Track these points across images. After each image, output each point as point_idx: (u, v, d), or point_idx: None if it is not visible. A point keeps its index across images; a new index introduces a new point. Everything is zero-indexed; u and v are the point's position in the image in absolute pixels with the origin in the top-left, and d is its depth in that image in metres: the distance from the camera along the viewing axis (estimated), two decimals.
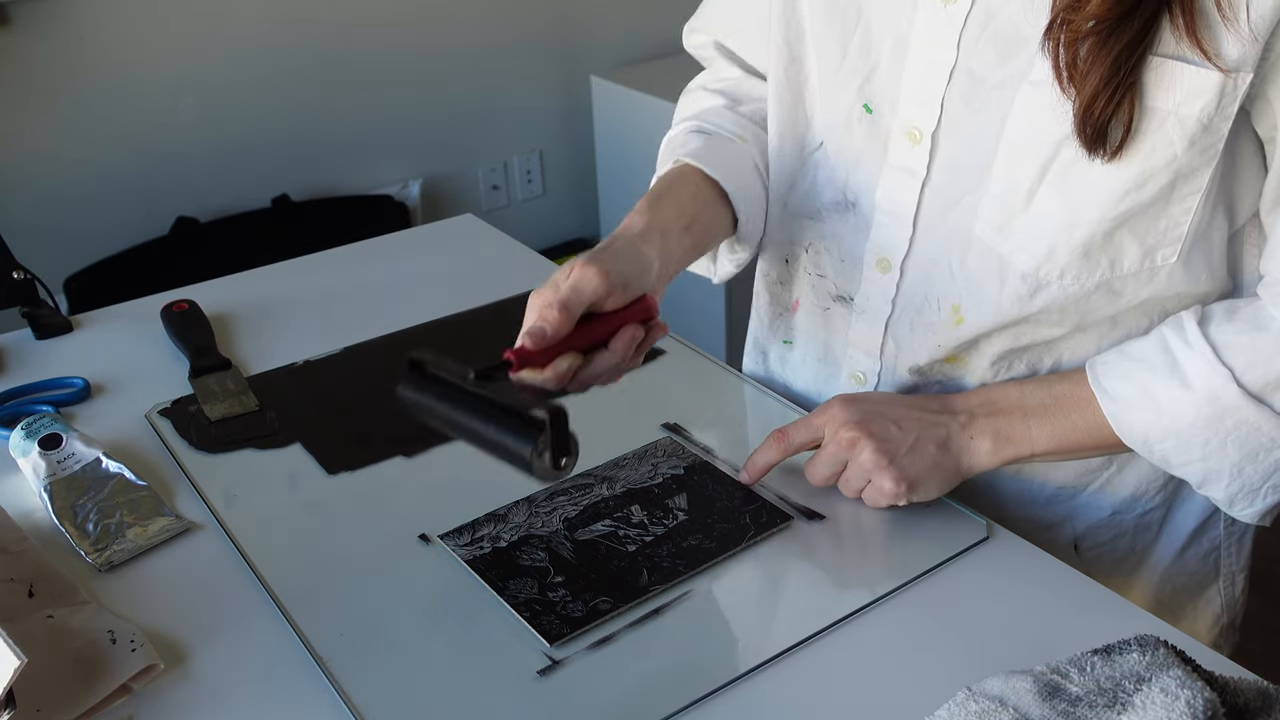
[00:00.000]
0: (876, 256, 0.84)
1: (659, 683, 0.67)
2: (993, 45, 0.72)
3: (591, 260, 0.73)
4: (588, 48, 2.68)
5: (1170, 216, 0.71)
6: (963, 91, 0.74)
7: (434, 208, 2.58)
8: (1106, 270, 0.74)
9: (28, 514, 0.84)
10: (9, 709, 0.63)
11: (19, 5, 1.97)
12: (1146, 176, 0.69)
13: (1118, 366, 0.76)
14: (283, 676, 0.68)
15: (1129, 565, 0.89)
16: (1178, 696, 0.52)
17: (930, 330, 0.82)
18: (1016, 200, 0.73)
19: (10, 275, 1.09)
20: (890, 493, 0.77)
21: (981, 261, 0.77)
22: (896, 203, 0.81)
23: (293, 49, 2.28)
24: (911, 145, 0.78)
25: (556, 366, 0.71)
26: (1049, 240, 0.73)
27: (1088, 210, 0.71)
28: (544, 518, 0.80)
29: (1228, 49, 0.64)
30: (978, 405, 0.79)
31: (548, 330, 0.69)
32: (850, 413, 0.78)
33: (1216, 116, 0.66)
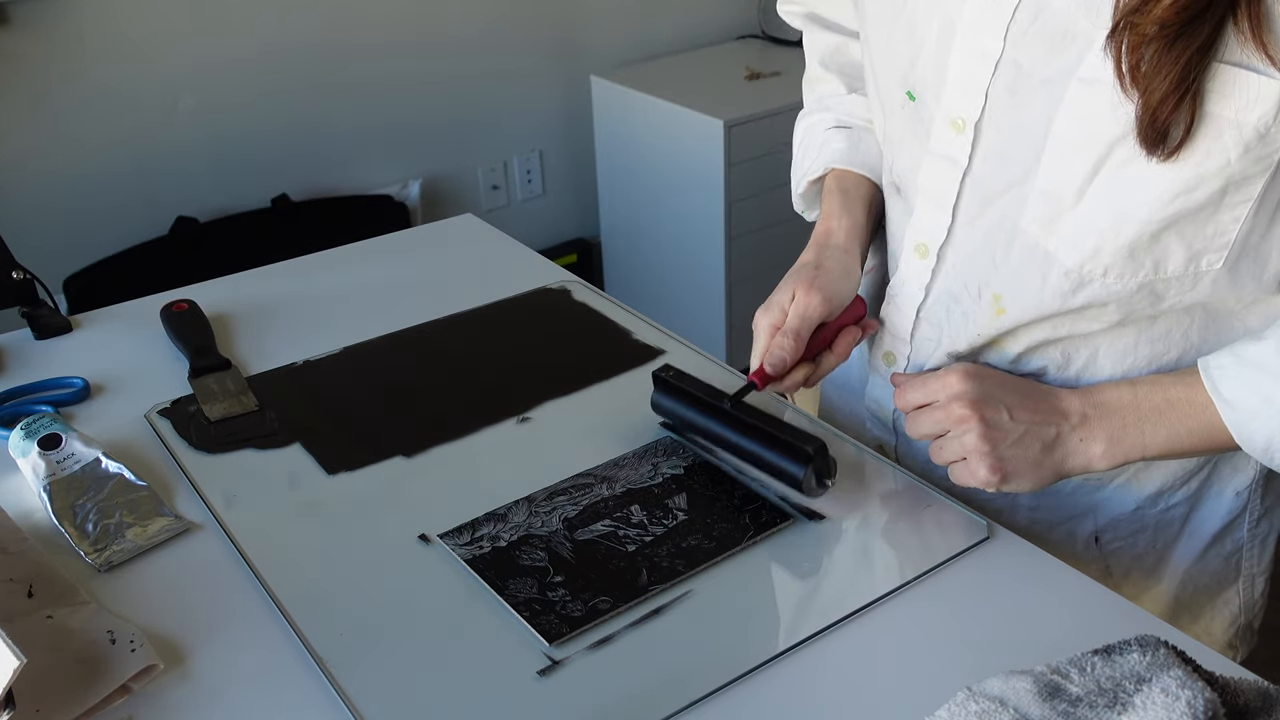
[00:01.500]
0: (915, 242, 0.84)
1: (659, 683, 0.66)
2: (1042, 39, 0.71)
3: (812, 286, 0.84)
4: (588, 48, 2.68)
5: (1219, 223, 0.71)
6: (1008, 83, 0.73)
7: (434, 208, 2.58)
8: (1150, 272, 0.73)
9: (27, 514, 0.84)
10: (9, 709, 0.63)
11: (19, 5, 1.97)
12: (1199, 181, 0.68)
13: (1237, 373, 0.74)
14: (283, 676, 0.68)
15: (1149, 561, 0.89)
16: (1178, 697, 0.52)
17: (969, 319, 0.82)
18: (1066, 198, 0.73)
19: (10, 275, 1.09)
20: (983, 480, 0.76)
21: (1027, 255, 0.77)
22: (937, 190, 0.80)
23: (292, 49, 2.28)
24: (955, 134, 0.77)
25: (794, 377, 0.84)
26: (1095, 239, 0.73)
27: (1137, 211, 0.70)
28: (544, 517, 0.80)
29: None
30: (1091, 407, 0.77)
31: (787, 359, 0.82)
32: (968, 387, 0.77)
33: (1275, 126, 0.65)
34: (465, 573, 0.76)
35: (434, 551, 0.78)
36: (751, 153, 2.32)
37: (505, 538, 0.78)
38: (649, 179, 2.52)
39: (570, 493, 0.83)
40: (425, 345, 1.06)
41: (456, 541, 0.78)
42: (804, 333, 0.83)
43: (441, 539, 0.79)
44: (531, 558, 0.76)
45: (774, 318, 0.84)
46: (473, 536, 0.79)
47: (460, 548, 0.77)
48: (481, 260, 1.23)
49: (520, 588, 0.74)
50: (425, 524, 0.80)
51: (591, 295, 1.13)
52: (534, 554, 0.77)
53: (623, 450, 0.88)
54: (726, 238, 2.38)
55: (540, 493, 0.83)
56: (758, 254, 2.43)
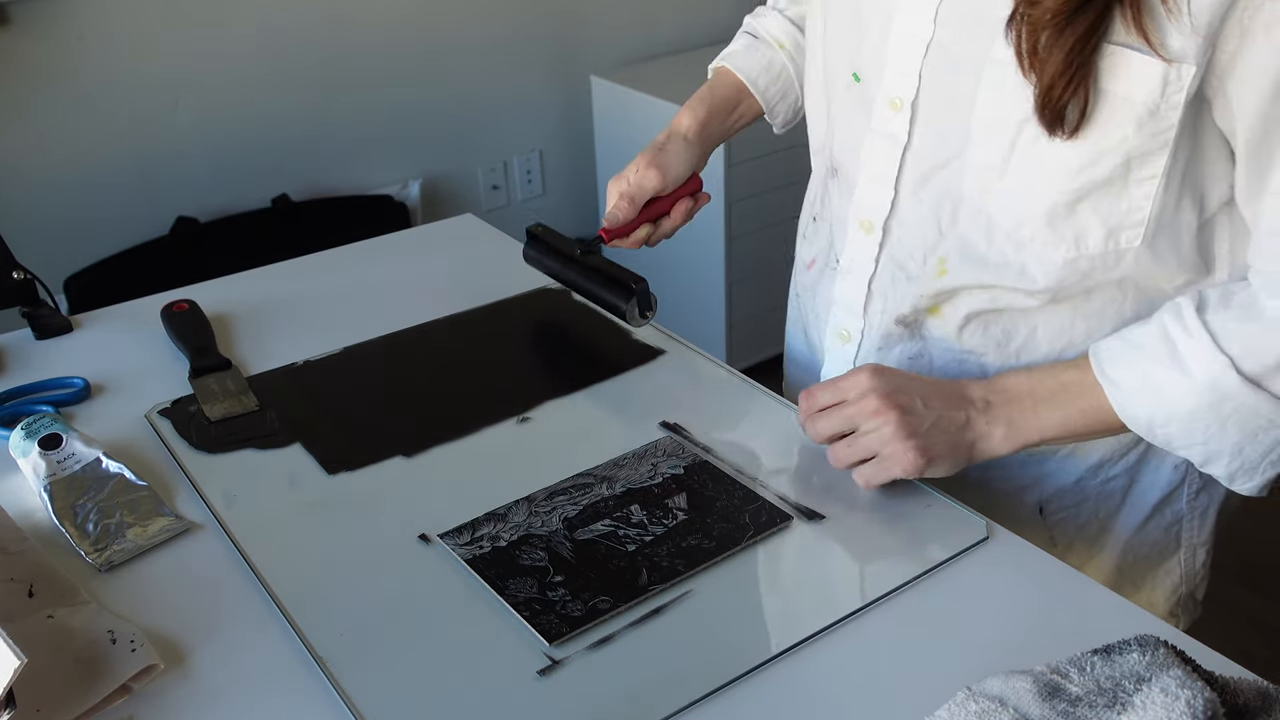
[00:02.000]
0: (860, 219, 0.89)
1: (659, 683, 0.67)
2: (963, 21, 0.77)
3: (651, 163, 1.01)
4: (588, 48, 2.68)
5: (1130, 199, 0.75)
6: (938, 63, 0.79)
7: (434, 208, 2.58)
8: (1072, 247, 0.78)
9: (28, 514, 0.84)
10: (9, 709, 0.63)
11: (19, 5, 1.97)
12: (1100, 155, 0.73)
13: (1121, 354, 0.78)
14: (283, 676, 0.68)
15: (1092, 531, 0.93)
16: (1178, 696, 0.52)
17: (913, 281, 0.87)
18: (994, 169, 0.78)
19: (10, 275, 1.09)
20: (909, 465, 0.78)
21: (972, 221, 0.81)
22: (879, 167, 0.85)
23: (293, 49, 2.28)
24: (894, 113, 0.82)
25: (636, 236, 1.03)
26: (1020, 206, 0.78)
27: (1050, 183, 0.75)
28: (544, 517, 0.80)
29: (1171, 40, 0.68)
30: (993, 393, 0.81)
31: (621, 218, 1.00)
32: (878, 381, 0.80)
33: (1163, 104, 0.70)
34: (465, 573, 0.76)
35: (434, 551, 0.78)
36: (751, 153, 2.32)
37: (505, 537, 0.78)
38: None
39: (570, 493, 0.83)
40: (425, 345, 1.06)
41: (456, 541, 0.78)
42: (638, 199, 1.00)
43: (441, 539, 0.79)
44: (531, 557, 0.76)
45: (621, 186, 1.01)
46: (473, 536, 0.79)
47: (460, 547, 0.78)
48: (481, 260, 1.23)
49: (520, 587, 0.74)
50: (425, 524, 0.80)
51: None
52: (534, 554, 0.77)
53: (623, 450, 0.88)
54: (726, 238, 2.38)
55: (540, 493, 0.83)
56: (757, 254, 2.43)
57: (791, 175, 2.33)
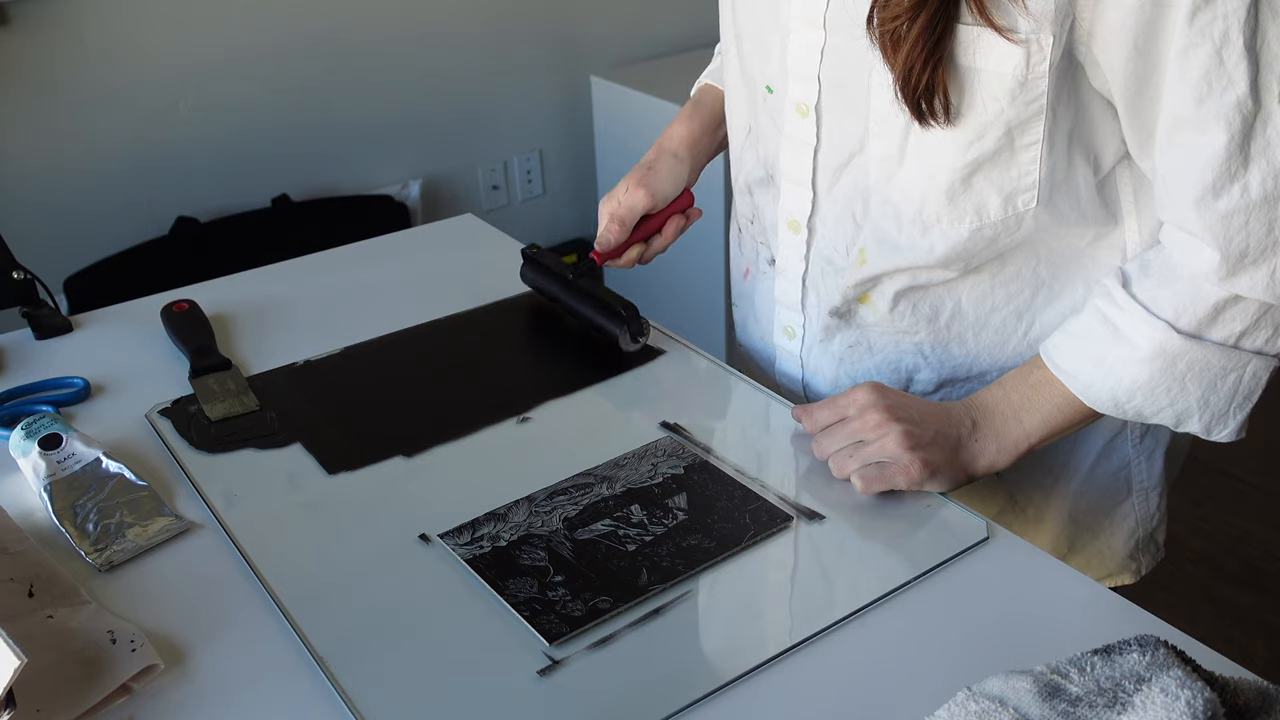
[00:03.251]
0: (787, 220, 0.93)
1: (659, 683, 0.67)
2: (849, 23, 0.80)
3: (640, 183, 1.02)
4: (588, 48, 2.68)
5: (1019, 165, 0.79)
6: (834, 67, 0.83)
7: (434, 208, 2.58)
8: (974, 218, 0.82)
9: (28, 514, 0.84)
10: (9, 709, 0.63)
11: (19, 5, 1.97)
12: (982, 129, 0.77)
13: (1067, 346, 0.82)
14: (283, 676, 0.68)
15: (1047, 482, 0.97)
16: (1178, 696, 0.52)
17: (839, 274, 0.91)
18: (892, 160, 0.82)
19: (10, 275, 1.09)
20: (915, 475, 0.80)
21: (880, 210, 0.86)
22: (796, 170, 0.90)
23: (293, 49, 2.28)
24: (801, 119, 0.87)
25: (628, 256, 1.04)
26: (921, 189, 0.82)
27: (943, 163, 0.79)
28: (544, 517, 0.80)
29: (1020, 24, 0.72)
30: (975, 411, 0.84)
31: (612, 240, 1.01)
32: (877, 397, 0.83)
33: (1029, 74, 0.74)
34: (465, 572, 0.76)
35: (434, 551, 0.78)
36: None
37: (505, 537, 0.78)
38: None
39: (570, 492, 0.83)
40: (425, 345, 1.06)
41: (456, 541, 0.78)
42: (629, 220, 1.01)
43: (442, 539, 0.79)
44: (532, 557, 0.76)
45: (611, 207, 1.02)
46: (473, 536, 0.79)
47: (460, 547, 0.78)
48: (482, 260, 1.23)
49: (520, 587, 0.74)
50: (425, 524, 0.80)
51: None
52: (534, 554, 0.77)
53: (623, 450, 0.88)
54: (726, 238, 2.38)
55: (540, 492, 0.83)
56: None
57: None
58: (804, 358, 0.99)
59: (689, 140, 1.06)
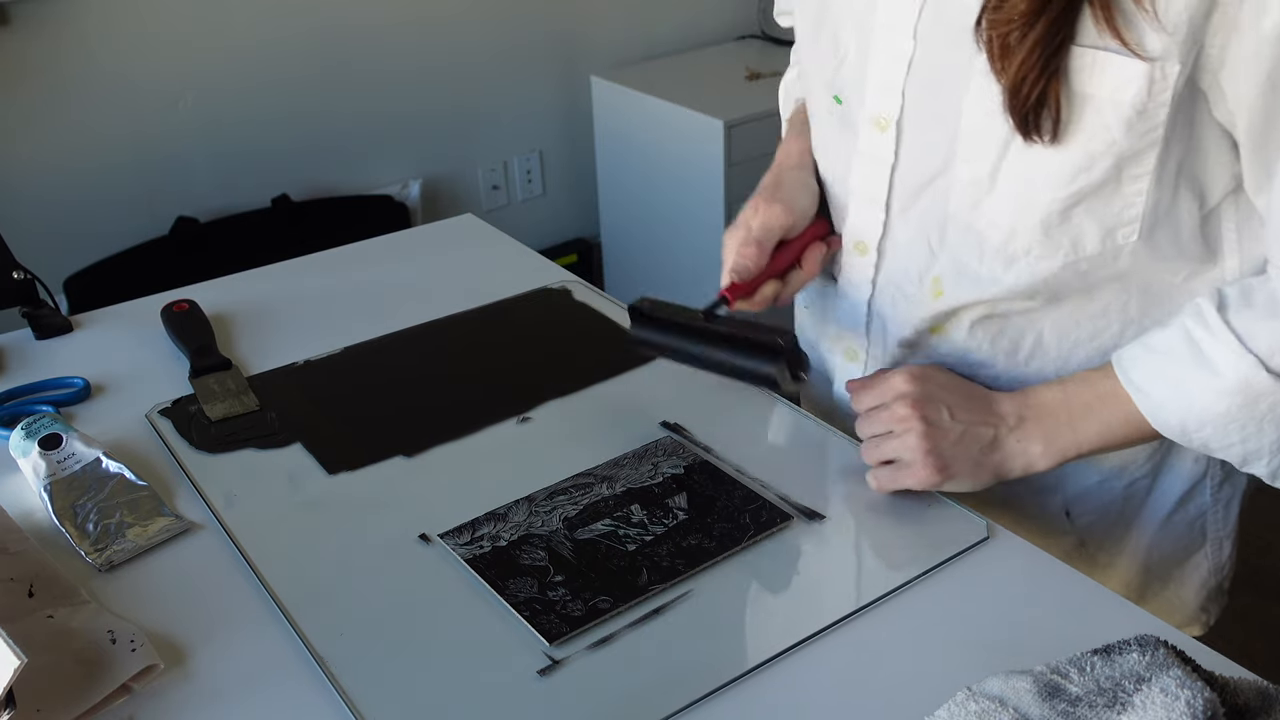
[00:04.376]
0: (854, 240, 0.87)
1: (659, 683, 0.67)
2: (945, 34, 0.75)
3: (773, 198, 0.86)
4: (588, 48, 2.68)
5: (1123, 197, 0.74)
6: (922, 80, 0.78)
7: (434, 208, 2.58)
8: (1070, 251, 0.77)
9: (28, 514, 0.84)
10: (9, 709, 0.63)
11: (19, 5, 1.97)
12: (1091, 160, 0.72)
13: (1146, 361, 0.77)
14: (283, 676, 0.68)
15: (1119, 530, 0.92)
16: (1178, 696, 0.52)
17: (911, 304, 0.85)
18: (982, 183, 0.77)
19: (10, 275, 1.09)
20: (925, 478, 0.78)
21: (961, 238, 0.80)
22: (869, 188, 0.84)
23: (293, 49, 2.28)
24: (879, 133, 0.81)
25: (763, 294, 0.86)
26: (1011, 219, 0.77)
27: (1042, 192, 0.74)
28: (544, 517, 0.80)
29: (1148, 40, 0.67)
30: (1026, 409, 0.80)
31: (750, 265, 0.84)
32: (911, 388, 0.80)
33: (1150, 103, 0.69)
34: (465, 572, 0.76)
35: (434, 551, 0.78)
36: (751, 153, 2.32)
37: (505, 537, 0.78)
38: (649, 179, 2.52)
39: (570, 492, 0.83)
40: (425, 345, 1.06)
41: (456, 541, 0.78)
42: (766, 242, 0.85)
43: (442, 538, 0.79)
44: (532, 557, 0.76)
45: (739, 234, 0.86)
46: (473, 536, 0.79)
47: (460, 547, 0.78)
48: (481, 260, 1.23)
49: (520, 587, 0.74)
50: (425, 524, 0.80)
51: (591, 295, 1.13)
52: (534, 553, 0.77)
53: (623, 450, 0.88)
54: None
55: (540, 492, 0.83)
56: None
57: None
58: None
59: (806, 151, 0.93)
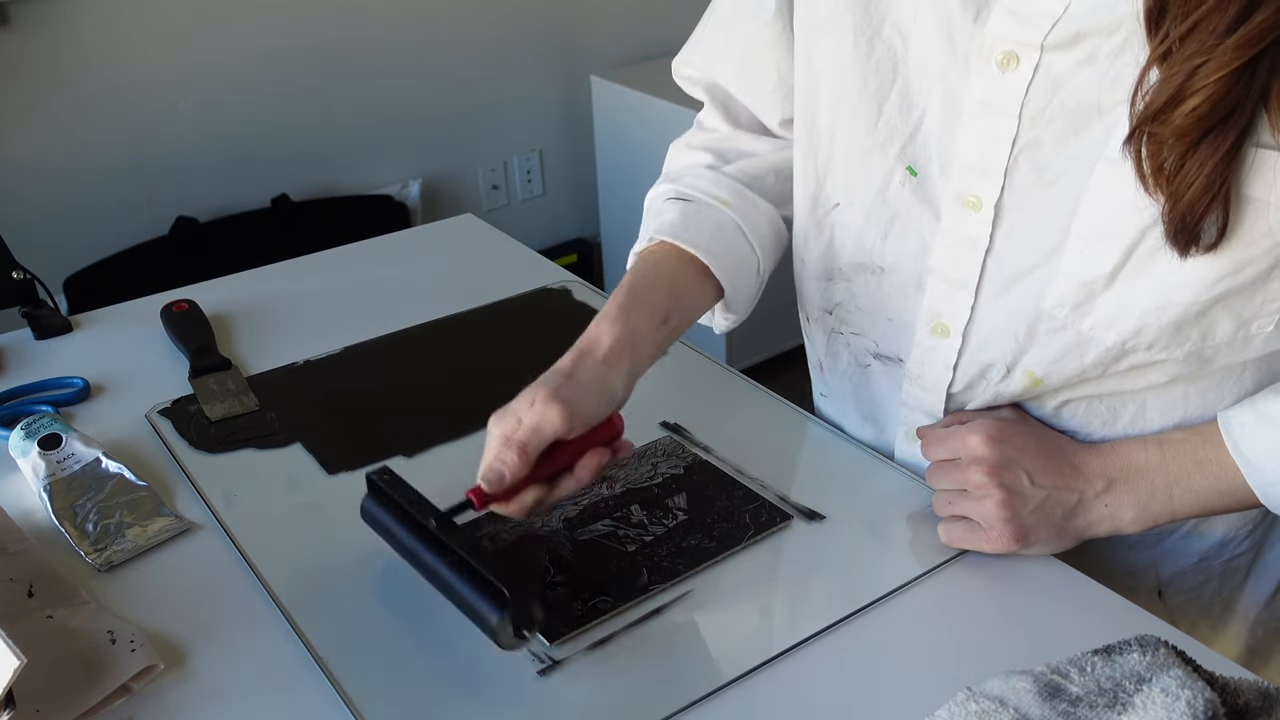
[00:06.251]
0: (931, 323, 0.78)
1: (659, 683, 0.66)
2: (1062, 116, 0.66)
3: (554, 397, 0.70)
4: (588, 48, 2.68)
5: (1267, 291, 0.66)
6: (1031, 162, 0.68)
7: (434, 208, 2.58)
8: (1198, 342, 0.69)
9: (27, 514, 0.84)
10: (9, 709, 0.63)
11: (19, 5, 1.97)
12: (1244, 264, 0.64)
13: (1260, 433, 0.70)
14: (283, 676, 0.68)
15: (1216, 610, 0.86)
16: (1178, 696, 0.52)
17: (999, 392, 0.78)
18: (1096, 282, 0.68)
19: (10, 275, 1.09)
20: (1004, 547, 0.74)
21: (1056, 336, 0.72)
22: (956, 270, 0.75)
23: (293, 49, 2.28)
24: (972, 213, 0.72)
25: (522, 500, 0.71)
26: (1136, 320, 0.68)
27: (1178, 295, 0.66)
28: (543, 517, 0.80)
29: None
30: (1117, 471, 0.74)
31: (506, 474, 0.69)
32: (988, 452, 0.74)
33: None
34: None
35: None
36: None
37: (505, 537, 0.78)
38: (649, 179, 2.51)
39: None
40: (425, 345, 1.06)
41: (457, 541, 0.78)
42: (531, 448, 0.70)
43: None
44: (532, 557, 0.76)
45: (506, 427, 0.71)
46: (473, 536, 0.78)
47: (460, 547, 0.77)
48: (481, 260, 1.23)
49: None
50: None
51: (591, 295, 1.13)
52: (534, 553, 0.77)
53: None
54: None
55: None
56: None
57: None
58: None
59: (624, 341, 0.76)
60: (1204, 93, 0.56)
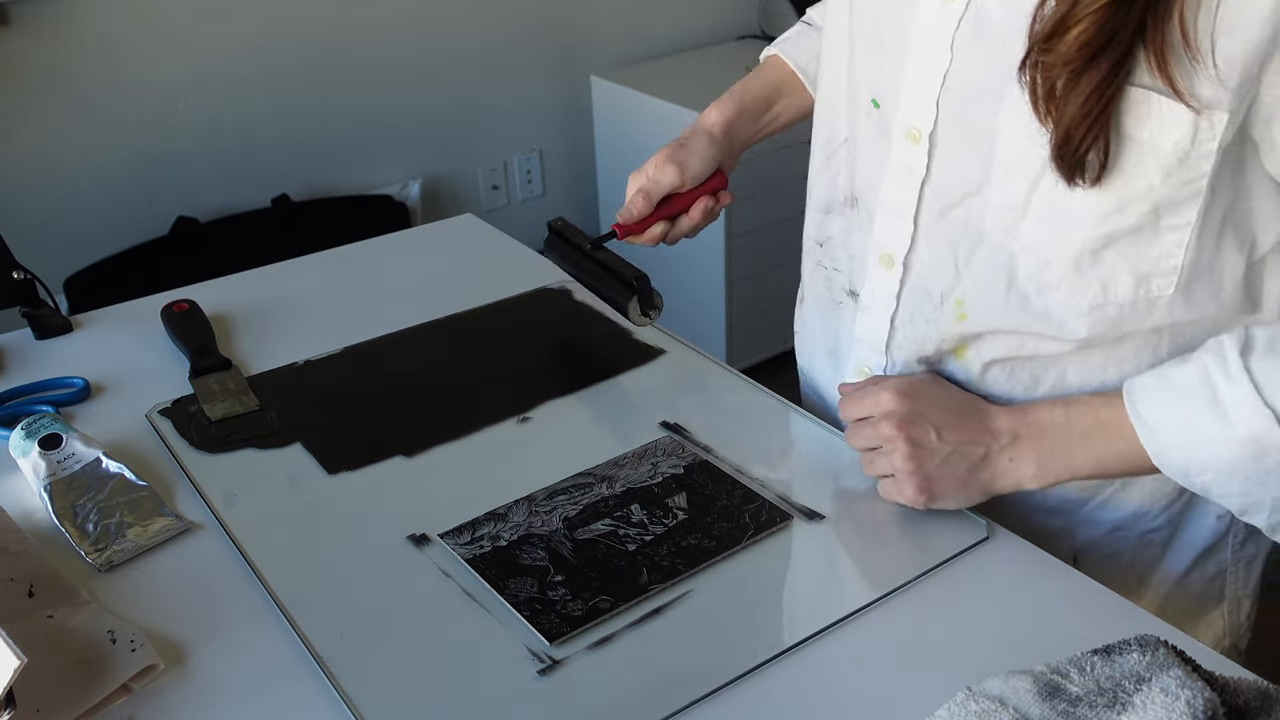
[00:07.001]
0: (880, 252, 0.84)
1: (659, 683, 0.67)
2: (983, 47, 0.71)
3: (670, 159, 0.96)
4: (588, 48, 2.68)
5: (1161, 246, 0.71)
6: (958, 94, 0.74)
7: (434, 208, 2.58)
8: (1099, 294, 0.73)
9: (28, 514, 0.84)
10: (9, 709, 0.63)
11: (19, 5, 1.97)
12: (1125, 203, 0.69)
13: (1157, 396, 0.73)
14: (283, 676, 0.68)
15: (1131, 581, 0.88)
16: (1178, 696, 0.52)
17: (932, 324, 0.82)
18: (1016, 209, 0.74)
19: (10, 275, 1.09)
20: (909, 498, 0.77)
21: (990, 260, 0.77)
22: (898, 200, 0.81)
23: (293, 49, 2.28)
24: (911, 144, 0.78)
25: (651, 232, 0.98)
26: (1045, 250, 0.74)
27: (1074, 229, 0.71)
28: (544, 517, 0.80)
29: (1200, 88, 0.64)
30: (1022, 428, 0.77)
31: (635, 213, 0.96)
32: (898, 406, 0.78)
33: (1193, 152, 0.66)
34: (466, 572, 0.76)
35: (434, 551, 0.78)
36: (751, 152, 2.31)
37: (505, 537, 0.78)
38: None
39: (570, 492, 0.83)
40: (425, 345, 1.06)
41: (457, 541, 0.78)
42: (654, 194, 0.96)
43: (442, 538, 0.79)
44: (532, 557, 0.76)
45: (639, 181, 0.97)
46: (473, 536, 0.79)
47: (460, 547, 0.78)
48: (481, 260, 1.23)
49: (521, 587, 0.74)
50: (425, 524, 0.80)
51: (591, 295, 1.13)
52: (534, 553, 0.77)
53: (623, 450, 0.88)
54: (727, 237, 2.38)
55: (540, 492, 0.83)
56: (757, 254, 2.43)
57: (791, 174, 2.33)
58: None
59: (725, 123, 1.00)
60: (1087, 20, 0.62)
